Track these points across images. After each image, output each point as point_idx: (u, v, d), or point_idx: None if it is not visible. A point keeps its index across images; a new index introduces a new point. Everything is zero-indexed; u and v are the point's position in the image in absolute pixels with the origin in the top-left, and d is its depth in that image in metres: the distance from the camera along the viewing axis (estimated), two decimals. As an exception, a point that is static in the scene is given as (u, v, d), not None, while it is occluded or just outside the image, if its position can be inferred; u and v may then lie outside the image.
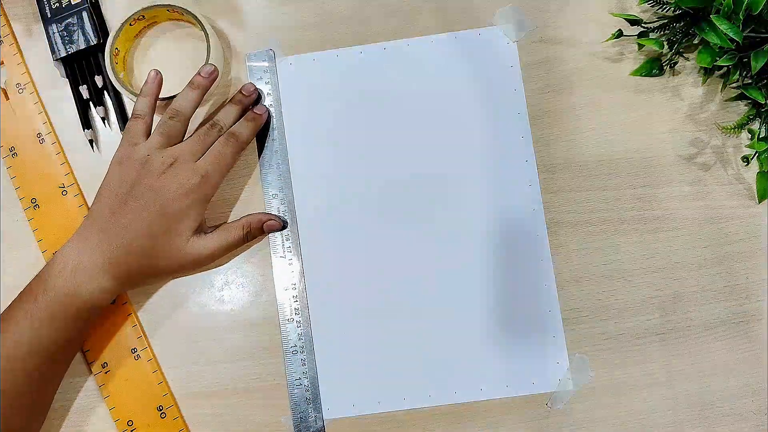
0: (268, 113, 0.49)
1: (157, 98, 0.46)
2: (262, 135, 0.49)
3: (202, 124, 0.47)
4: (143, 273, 0.44)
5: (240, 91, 0.48)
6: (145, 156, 0.43)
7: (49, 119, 0.51)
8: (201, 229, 0.45)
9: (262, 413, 0.46)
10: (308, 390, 0.46)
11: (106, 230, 0.43)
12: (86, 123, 0.50)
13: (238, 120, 0.47)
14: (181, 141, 0.45)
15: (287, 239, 0.48)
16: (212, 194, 0.45)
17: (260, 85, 0.50)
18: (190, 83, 0.46)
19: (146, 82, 0.46)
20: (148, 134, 0.45)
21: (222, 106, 0.49)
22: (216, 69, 0.47)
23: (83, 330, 0.44)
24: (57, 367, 0.44)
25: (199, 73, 0.46)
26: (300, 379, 0.46)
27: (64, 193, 0.49)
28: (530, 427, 0.45)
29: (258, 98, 0.49)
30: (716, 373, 0.45)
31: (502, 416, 0.45)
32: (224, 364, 0.47)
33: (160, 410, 0.46)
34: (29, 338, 0.41)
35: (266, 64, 0.50)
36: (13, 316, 0.41)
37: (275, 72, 0.50)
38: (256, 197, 0.48)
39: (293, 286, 0.47)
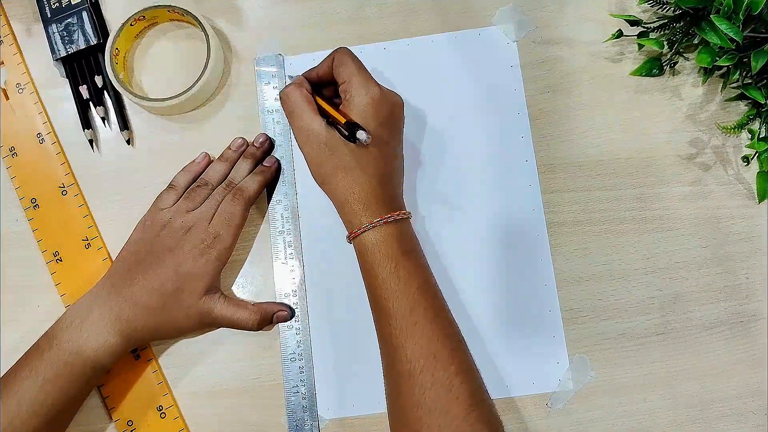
0: (278, 164, 0.49)
1: (197, 177, 0.48)
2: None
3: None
4: (150, 330, 0.44)
5: (252, 144, 0.49)
6: (167, 219, 0.45)
7: (48, 119, 0.51)
8: (214, 291, 0.45)
9: (261, 413, 0.46)
10: (305, 398, 0.46)
11: (118, 286, 0.44)
12: (86, 123, 0.50)
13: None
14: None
15: (289, 245, 0.48)
16: (226, 254, 0.46)
17: (268, 90, 0.50)
18: (221, 156, 0.49)
19: (194, 160, 0.49)
20: (175, 203, 0.46)
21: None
22: (245, 142, 0.49)
23: (85, 391, 0.44)
24: (56, 429, 0.43)
25: (229, 147, 0.49)
26: (297, 386, 0.46)
27: (64, 193, 0.49)
28: (530, 427, 0.45)
29: (271, 147, 0.49)
30: (716, 373, 0.45)
31: (502, 416, 0.45)
32: (224, 364, 0.47)
33: (160, 410, 0.46)
34: (32, 398, 0.40)
35: (274, 69, 0.50)
36: (18, 374, 0.41)
37: (284, 77, 0.50)
38: (261, 202, 0.48)
39: (294, 292, 0.47)
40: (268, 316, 0.46)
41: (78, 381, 0.42)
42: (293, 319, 0.47)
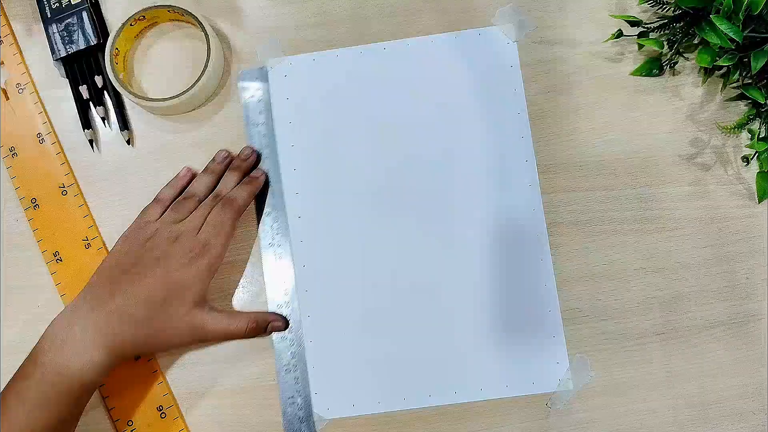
0: (266, 176, 0.49)
1: (182, 191, 0.48)
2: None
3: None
4: (138, 344, 0.43)
5: (238, 156, 0.49)
6: (154, 230, 0.45)
7: (49, 119, 0.51)
8: (204, 303, 0.44)
9: (261, 413, 0.46)
10: (301, 408, 0.46)
11: (101, 299, 0.42)
12: (86, 123, 0.50)
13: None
14: None
15: (280, 257, 0.48)
16: (216, 264, 0.45)
17: (252, 103, 0.50)
18: (206, 169, 0.48)
19: (178, 175, 0.48)
20: (161, 215, 0.46)
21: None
22: (229, 154, 0.49)
23: (76, 412, 0.42)
24: None
25: (214, 159, 0.48)
26: (293, 397, 0.46)
27: (64, 193, 0.50)
28: (530, 427, 0.45)
29: (257, 160, 0.49)
30: (716, 373, 0.45)
31: (502, 416, 0.45)
32: (224, 364, 0.47)
33: (160, 410, 0.46)
34: (22, 425, 0.39)
35: (258, 83, 0.50)
36: (6, 401, 0.40)
37: (267, 89, 0.50)
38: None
39: (286, 303, 0.47)
40: (263, 325, 0.46)
41: (67, 402, 0.40)
42: (287, 331, 0.47)
